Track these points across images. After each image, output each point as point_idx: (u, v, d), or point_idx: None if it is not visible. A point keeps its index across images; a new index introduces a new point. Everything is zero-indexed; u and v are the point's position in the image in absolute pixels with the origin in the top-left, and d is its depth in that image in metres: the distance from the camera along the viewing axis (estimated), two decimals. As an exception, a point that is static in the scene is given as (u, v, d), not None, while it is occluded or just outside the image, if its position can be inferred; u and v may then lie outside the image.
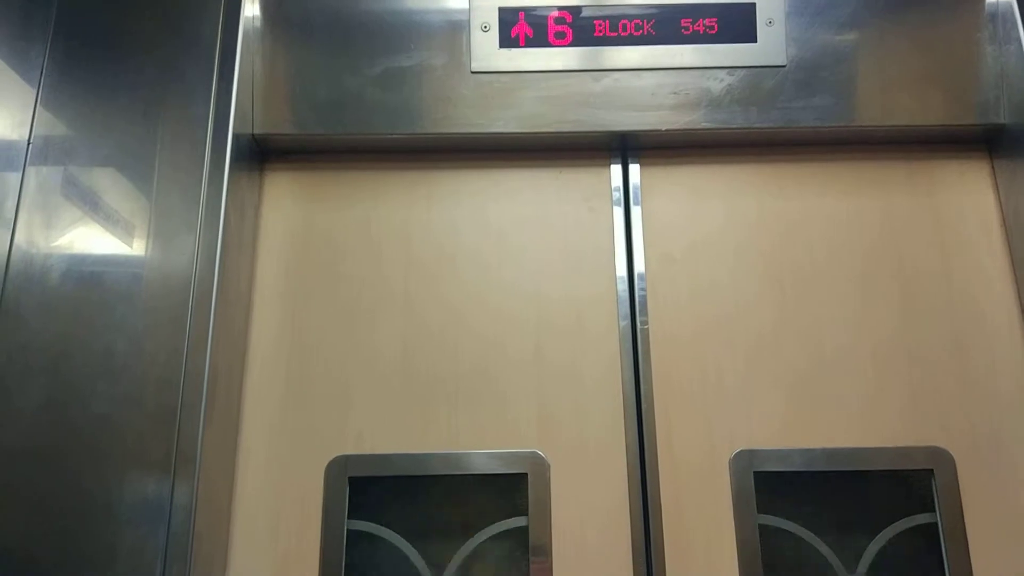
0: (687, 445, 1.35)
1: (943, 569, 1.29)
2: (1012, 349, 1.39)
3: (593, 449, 1.35)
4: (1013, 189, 1.44)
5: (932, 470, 1.33)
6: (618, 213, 1.48)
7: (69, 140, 1.32)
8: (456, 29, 1.46)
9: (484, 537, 1.34)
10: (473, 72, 1.45)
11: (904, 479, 1.38)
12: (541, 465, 1.34)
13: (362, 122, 1.43)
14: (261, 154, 1.49)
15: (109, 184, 1.30)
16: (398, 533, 1.34)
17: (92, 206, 1.29)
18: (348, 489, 1.33)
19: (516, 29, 1.46)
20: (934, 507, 1.33)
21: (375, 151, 1.50)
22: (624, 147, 1.51)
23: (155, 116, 1.33)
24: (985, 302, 1.42)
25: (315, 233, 1.47)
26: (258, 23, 1.45)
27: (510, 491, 1.35)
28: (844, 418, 1.36)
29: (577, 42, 1.45)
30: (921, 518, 1.34)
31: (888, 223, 1.46)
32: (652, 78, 1.45)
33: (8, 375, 1.19)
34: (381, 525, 1.34)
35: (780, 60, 1.44)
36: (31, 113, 1.32)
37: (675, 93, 1.44)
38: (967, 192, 1.48)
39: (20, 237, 1.26)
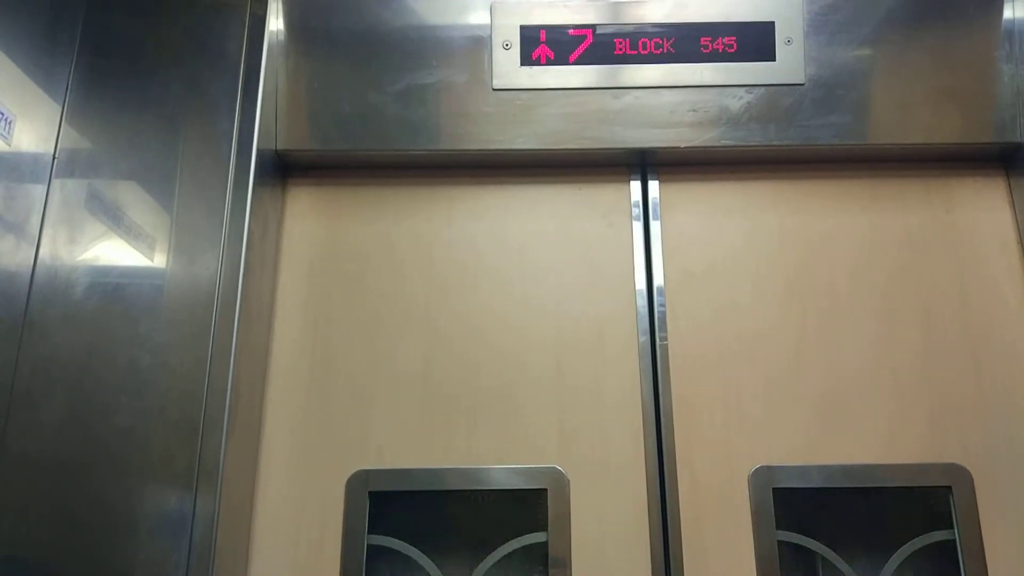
0: (706, 461, 1.35)
1: (961, 586, 1.30)
2: (1030, 366, 1.40)
3: (613, 465, 1.36)
4: (1030, 207, 1.45)
5: (950, 487, 1.33)
6: (637, 229, 1.49)
7: (94, 155, 1.33)
8: (478, 46, 1.48)
9: (504, 552, 1.34)
10: (495, 89, 1.46)
11: (923, 496, 1.38)
12: (561, 480, 1.34)
13: (384, 138, 1.44)
14: (284, 169, 1.51)
15: (133, 199, 1.31)
16: (418, 548, 1.34)
17: (116, 220, 1.30)
18: (368, 503, 1.33)
19: (537, 47, 1.47)
20: (952, 524, 1.32)
21: (397, 167, 1.51)
22: (643, 164, 1.52)
23: (179, 131, 1.34)
24: (1002, 320, 1.42)
25: (337, 248, 1.48)
26: (282, 39, 1.47)
27: (530, 506, 1.35)
28: (863, 435, 1.37)
29: (597, 60, 1.47)
30: (939, 535, 1.33)
31: (906, 241, 1.47)
32: (671, 96, 1.46)
33: (32, 387, 1.20)
34: (401, 540, 1.34)
35: (799, 78, 1.46)
36: (56, 128, 1.33)
37: (694, 111, 1.46)
38: (984, 210, 1.49)
39: (44, 251, 1.26)
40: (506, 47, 1.47)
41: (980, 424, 1.37)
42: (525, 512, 1.35)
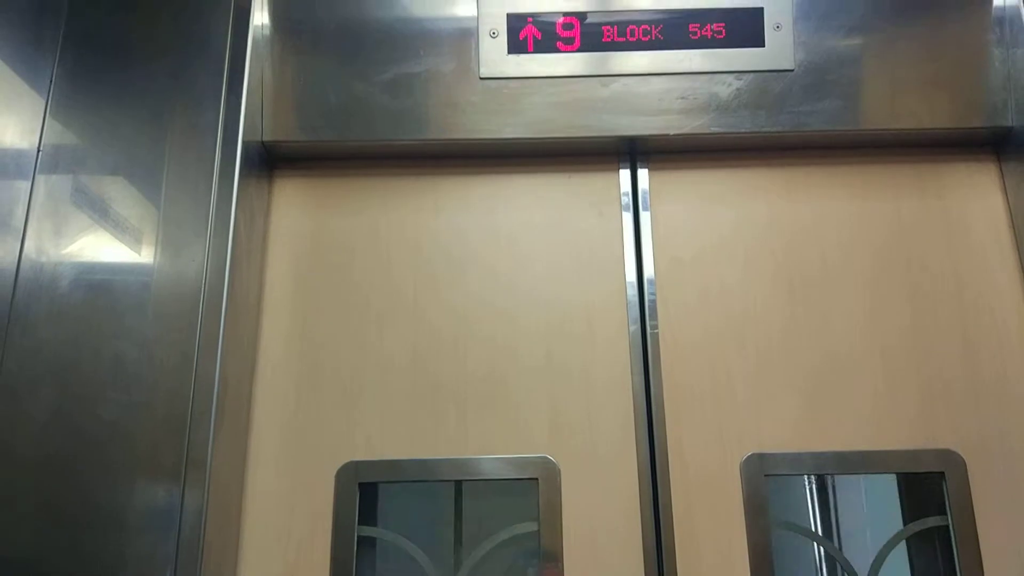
0: (698, 449, 1.35)
1: (955, 572, 1.29)
2: (1021, 351, 1.39)
3: (604, 453, 1.35)
4: (1021, 192, 1.44)
5: (943, 472, 1.33)
6: (627, 218, 1.48)
7: (78, 148, 1.32)
8: (465, 36, 1.47)
9: (495, 542, 1.33)
10: (482, 78, 1.45)
11: (915, 482, 1.37)
12: (552, 470, 1.34)
13: (371, 128, 1.43)
14: (270, 161, 1.50)
15: (118, 192, 1.30)
16: (408, 539, 1.33)
17: (102, 214, 1.29)
18: (359, 495, 1.32)
19: (524, 35, 1.46)
20: (945, 510, 1.32)
21: (384, 157, 1.50)
22: (633, 152, 1.51)
23: (165, 124, 1.34)
24: (994, 304, 1.42)
25: (324, 240, 1.47)
26: (267, 31, 1.46)
27: (521, 496, 1.35)
28: (855, 422, 1.36)
29: (585, 48, 1.45)
30: (932, 521, 1.33)
31: (897, 226, 1.46)
32: (660, 83, 1.45)
33: (18, 382, 1.19)
34: (392, 531, 1.34)
35: (788, 64, 1.45)
36: (41, 121, 1.32)
37: (683, 98, 1.45)
38: (975, 195, 1.48)
39: (30, 245, 1.26)
40: (493, 35, 1.46)
41: (972, 410, 1.36)
42: (516, 502, 1.35)
